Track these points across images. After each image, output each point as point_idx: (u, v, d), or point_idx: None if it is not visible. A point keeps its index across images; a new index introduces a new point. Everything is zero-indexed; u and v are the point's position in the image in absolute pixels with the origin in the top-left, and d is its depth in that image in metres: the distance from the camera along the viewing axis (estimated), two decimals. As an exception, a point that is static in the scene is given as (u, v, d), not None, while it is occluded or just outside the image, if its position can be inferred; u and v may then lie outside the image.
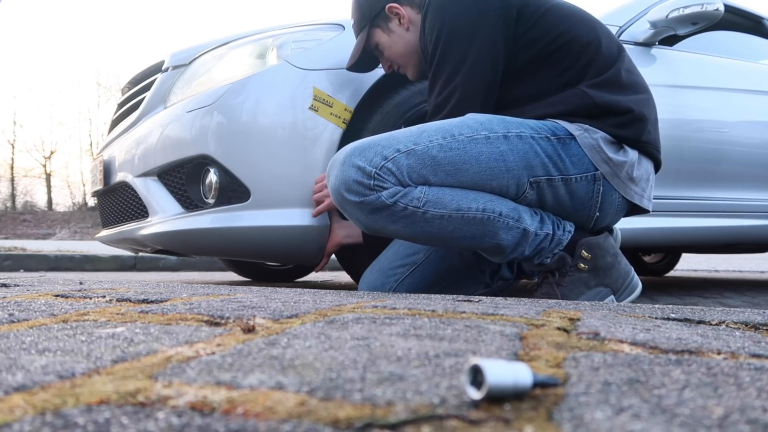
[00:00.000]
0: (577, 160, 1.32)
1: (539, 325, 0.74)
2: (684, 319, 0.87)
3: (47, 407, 0.37)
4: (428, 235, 1.28)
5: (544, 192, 1.33)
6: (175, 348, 0.56)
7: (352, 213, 1.27)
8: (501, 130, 1.30)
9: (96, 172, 2.24)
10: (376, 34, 1.59)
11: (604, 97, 1.35)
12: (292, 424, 0.34)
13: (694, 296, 2.59)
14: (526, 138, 1.30)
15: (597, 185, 1.35)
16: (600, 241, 1.36)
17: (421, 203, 1.23)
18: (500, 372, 0.39)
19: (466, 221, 1.26)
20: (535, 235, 1.32)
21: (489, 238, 1.29)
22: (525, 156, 1.29)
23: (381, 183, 1.21)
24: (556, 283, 1.36)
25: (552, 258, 1.35)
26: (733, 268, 5.83)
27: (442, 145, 1.25)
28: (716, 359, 0.56)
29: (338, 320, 0.74)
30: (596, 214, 1.38)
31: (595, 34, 1.41)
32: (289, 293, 1.16)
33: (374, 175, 1.21)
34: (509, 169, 1.28)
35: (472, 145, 1.26)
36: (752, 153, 2.51)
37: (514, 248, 1.32)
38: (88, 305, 0.89)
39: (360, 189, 1.22)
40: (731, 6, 2.70)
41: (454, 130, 1.27)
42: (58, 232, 21.28)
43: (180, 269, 4.73)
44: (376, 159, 1.22)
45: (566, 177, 1.33)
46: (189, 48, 2.03)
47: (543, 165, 1.30)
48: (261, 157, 1.71)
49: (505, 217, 1.28)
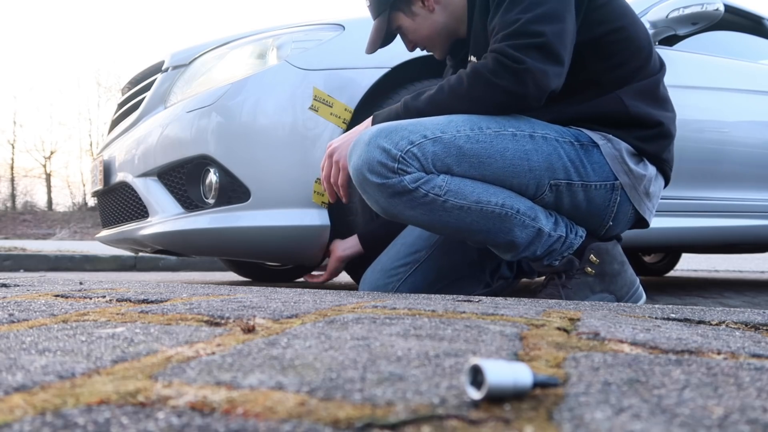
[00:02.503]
0: (598, 168, 1.32)
1: (539, 325, 0.74)
2: (684, 319, 0.87)
3: (47, 407, 0.37)
4: (445, 224, 1.27)
5: (562, 195, 1.33)
6: (175, 348, 0.56)
7: (371, 194, 1.25)
8: (527, 129, 1.29)
9: (96, 172, 2.24)
10: (397, 18, 1.50)
11: (638, 108, 1.33)
12: (292, 424, 0.34)
13: (694, 296, 2.59)
14: (550, 140, 1.30)
15: (615, 194, 1.35)
16: (609, 247, 1.37)
17: (442, 191, 1.22)
18: (500, 372, 0.39)
19: (484, 215, 1.26)
20: (548, 236, 1.31)
21: (504, 234, 1.29)
22: (548, 157, 1.29)
23: (405, 167, 1.20)
24: (561, 285, 1.37)
25: (561, 260, 1.35)
26: (733, 268, 5.83)
27: (470, 137, 1.24)
28: (716, 359, 0.56)
29: (338, 320, 0.74)
30: (610, 222, 1.38)
31: (648, 41, 1.39)
32: (289, 293, 1.16)
33: (399, 158, 1.19)
34: (532, 168, 1.28)
35: (499, 140, 1.25)
36: (752, 153, 2.50)
37: (527, 247, 1.31)
38: (88, 305, 0.89)
39: (383, 171, 1.20)
40: (731, 6, 2.70)
41: (482, 123, 1.26)
42: (58, 232, 21.27)
43: (180, 269, 4.73)
44: (402, 143, 1.20)
45: (586, 183, 1.32)
46: (189, 48, 2.02)
47: (564, 168, 1.30)
48: (261, 157, 1.71)
49: (522, 215, 1.28)
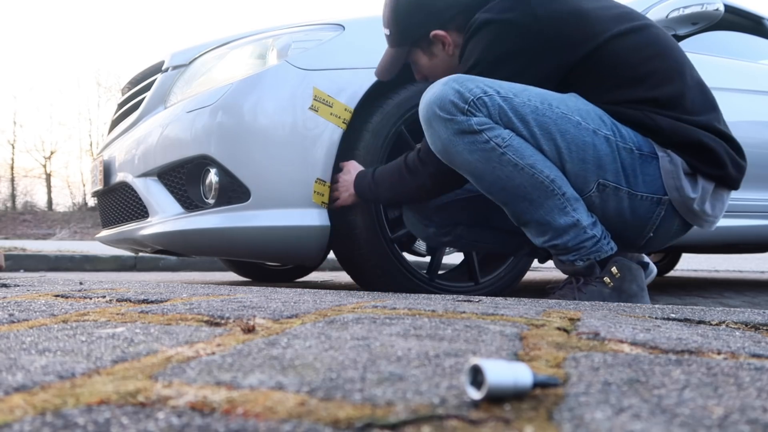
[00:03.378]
0: (650, 180, 1.34)
1: (539, 325, 0.74)
2: (684, 319, 0.87)
3: (47, 407, 0.37)
4: (495, 179, 1.29)
5: (608, 198, 1.34)
6: (175, 348, 0.56)
7: (437, 129, 1.29)
8: (593, 124, 1.31)
9: (96, 172, 2.24)
10: (415, 54, 1.54)
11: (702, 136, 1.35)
12: (292, 424, 0.34)
13: (694, 296, 2.59)
14: (611, 142, 1.32)
15: (660, 208, 1.36)
16: (633, 266, 1.36)
17: (504, 143, 1.27)
18: (500, 372, 0.39)
19: (533, 181, 1.28)
20: (584, 230, 1.32)
21: (544, 211, 1.31)
22: (603, 157, 1.31)
23: (474, 110, 1.25)
24: (577, 288, 1.36)
25: (585, 262, 1.34)
26: (733, 268, 5.83)
27: (537, 108, 1.28)
28: (716, 359, 0.56)
29: (338, 320, 0.74)
30: (650, 234, 1.40)
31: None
32: (289, 293, 1.16)
33: (470, 101, 1.25)
34: (584, 159, 1.30)
35: (563, 122, 1.29)
36: (752, 153, 2.49)
37: (561, 233, 1.32)
38: (88, 305, 0.89)
39: (452, 109, 1.26)
40: (731, 6, 2.70)
41: (554, 102, 1.30)
42: (58, 232, 21.26)
43: (180, 269, 4.73)
44: (476, 90, 1.26)
45: (633, 192, 1.34)
46: (189, 48, 2.02)
47: (615, 172, 1.32)
48: (261, 158, 1.71)
49: (566, 200, 1.30)
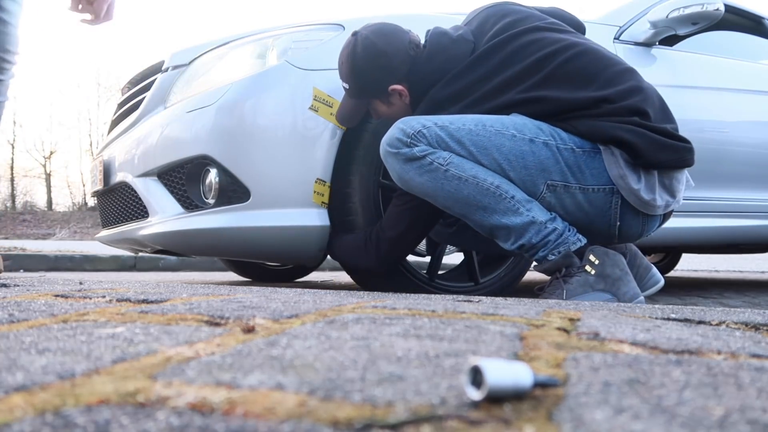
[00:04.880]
0: (597, 173, 1.42)
1: (539, 325, 0.74)
2: (684, 319, 0.87)
3: (47, 407, 0.37)
4: (446, 194, 1.42)
5: (561, 196, 1.42)
6: (175, 348, 0.56)
7: (391, 163, 1.47)
8: (529, 134, 1.42)
9: (96, 172, 2.24)
10: (375, 103, 1.63)
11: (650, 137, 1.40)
12: (292, 424, 0.34)
13: (694, 296, 2.59)
14: (551, 146, 1.41)
15: (615, 198, 1.43)
16: (610, 252, 1.40)
17: (445, 162, 1.41)
18: (500, 372, 0.39)
19: (480, 190, 1.40)
20: (543, 225, 1.38)
21: (498, 216, 1.40)
22: (544, 161, 1.40)
23: (415, 142, 1.43)
24: (563, 281, 1.39)
25: (557, 255, 1.38)
26: (733, 268, 5.83)
27: (472, 130, 1.42)
28: (716, 359, 0.56)
29: (338, 320, 0.74)
30: (617, 223, 1.45)
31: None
32: (289, 293, 1.16)
33: (411, 134, 1.43)
34: (526, 166, 1.41)
35: (497, 137, 1.41)
36: (752, 153, 2.50)
37: (522, 233, 1.39)
38: (88, 305, 0.89)
39: (398, 144, 1.45)
40: (731, 6, 2.69)
41: (487, 122, 1.43)
42: (58, 232, 21.25)
43: (180, 269, 4.73)
44: (416, 125, 1.44)
45: (584, 186, 1.42)
46: (189, 48, 2.02)
47: (561, 172, 1.41)
48: (261, 158, 1.70)
49: (516, 202, 1.40)
